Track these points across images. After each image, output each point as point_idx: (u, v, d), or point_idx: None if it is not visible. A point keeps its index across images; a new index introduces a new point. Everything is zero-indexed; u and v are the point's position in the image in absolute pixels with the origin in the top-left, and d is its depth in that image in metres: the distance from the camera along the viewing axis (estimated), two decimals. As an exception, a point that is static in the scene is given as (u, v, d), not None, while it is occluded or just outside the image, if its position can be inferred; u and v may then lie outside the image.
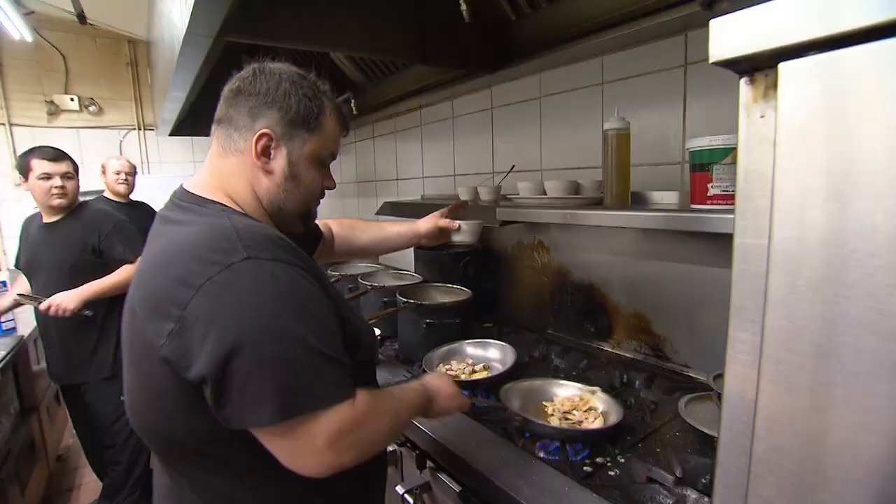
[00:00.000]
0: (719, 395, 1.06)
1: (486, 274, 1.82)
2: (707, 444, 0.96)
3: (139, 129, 3.86)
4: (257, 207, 0.76)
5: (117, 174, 2.60)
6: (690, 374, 1.24)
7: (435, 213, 1.26)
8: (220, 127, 0.76)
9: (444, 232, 1.24)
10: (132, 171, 2.68)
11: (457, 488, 0.96)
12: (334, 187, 0.86)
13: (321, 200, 0.86)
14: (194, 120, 2.51)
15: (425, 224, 1.24)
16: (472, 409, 0.97)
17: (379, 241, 1.27)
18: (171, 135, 2.84)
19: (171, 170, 3.97)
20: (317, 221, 1.07)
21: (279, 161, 0.75)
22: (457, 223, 1.23)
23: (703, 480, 0.83)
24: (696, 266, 1.21)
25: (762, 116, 0.34)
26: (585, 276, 1.50)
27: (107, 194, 2.64)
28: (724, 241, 1.22)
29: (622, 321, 1.40)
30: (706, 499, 0.80)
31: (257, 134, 0.72)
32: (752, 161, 0.35)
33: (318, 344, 0.61)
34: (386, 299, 1.68)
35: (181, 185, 0.77)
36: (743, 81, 0.35)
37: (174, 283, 0.61)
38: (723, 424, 0.38)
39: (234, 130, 0.74)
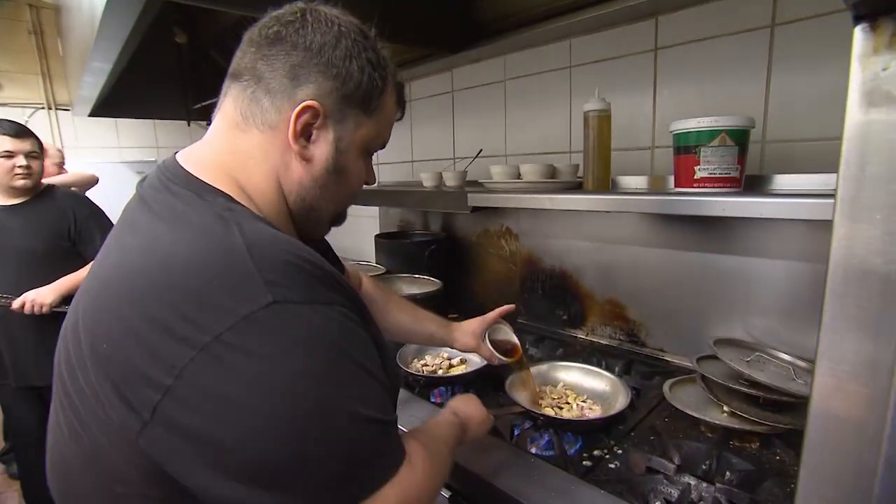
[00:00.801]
0: (703, 377, 1.07)
1: (452, 263, 1.76)
2: (696, 428, 0.96)
3: (49, 108, 3.43)
4: (277, 204, 0.57)
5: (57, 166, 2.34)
6: (667, 359, 1.25)
7: (476, 325, 1.03)
8: (240, 84, 0.56)
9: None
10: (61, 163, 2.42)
11: (446, 494, 0.90)
12: (375, 183, 0.69)
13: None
14: (119, 99, 2.24)
15: (463, 341, 1.03)
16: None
17: (408, 332, 1.04)
18: (90, 115, 2.53)
19: (91, 156, 3.57)
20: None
21: (322, 147, 0.56)
22: (500, 360, 1.01)
23: (704, 466, 0.82)
24: (671, 251, 1.22)
25: (885, 69, 0.29)
26: (557, 263, 1.47)
27: None
28: (703, 225, 1.24)
29: (596, 308, 1.39)
30: (704, 485, 0.79)
31: (300, 106, 0.53)
32: (868, 120, 0.30)
33: (373, 412, 0.46)
34: (347, 292, 1.58)
35: (174, 157, 0.57)
36: (859, 29, 0.30)
37: (159, 331, 0.41)
38: (815, 412, 0.34)
39: (266, 95, 0.54)
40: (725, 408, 0.95)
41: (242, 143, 0.55)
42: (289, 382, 0.42)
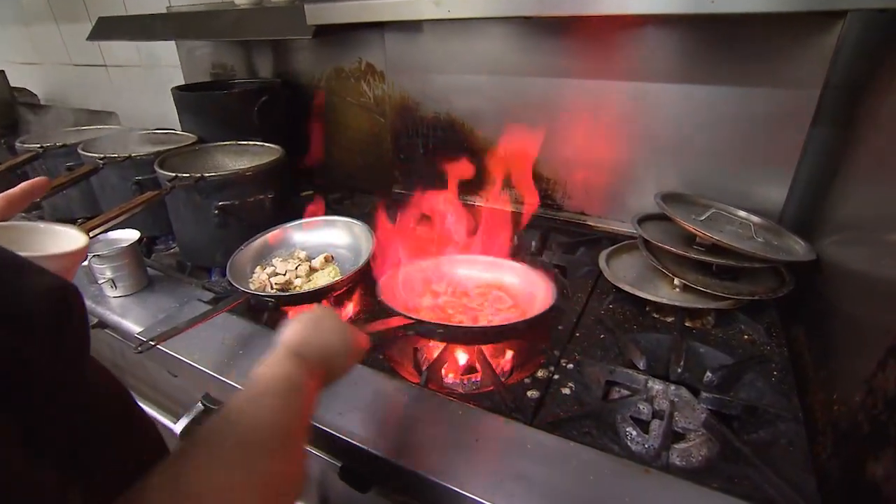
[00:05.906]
0: (647, 244, 0.86)
1: (294, 120, 1.27)
2: (647, 314, 0.75)
3: None
4: None
5: None
6: (590, 224, 1.02)
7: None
8: None
9: None
10: None
11: (337, 463, 0.60)
12: None
13: None
14: None
15: None
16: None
17: None
18: None
19: None
20: None
21: None
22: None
23: (679, 370, 0.62)
24: (596, 81, 0.90)
25: None
26: (442, 109, 1.09)
27: None
28: (639, 41, 0.74)
29: (498, 165, 1.07)
30: (674, 388, 0.60)
31: None
32: None
33: None
34: (140, 178, 1.03)
35: None
36: None
37: None
38: None
39: None
40: (677, 281, 0.76)
41: None
42: None
